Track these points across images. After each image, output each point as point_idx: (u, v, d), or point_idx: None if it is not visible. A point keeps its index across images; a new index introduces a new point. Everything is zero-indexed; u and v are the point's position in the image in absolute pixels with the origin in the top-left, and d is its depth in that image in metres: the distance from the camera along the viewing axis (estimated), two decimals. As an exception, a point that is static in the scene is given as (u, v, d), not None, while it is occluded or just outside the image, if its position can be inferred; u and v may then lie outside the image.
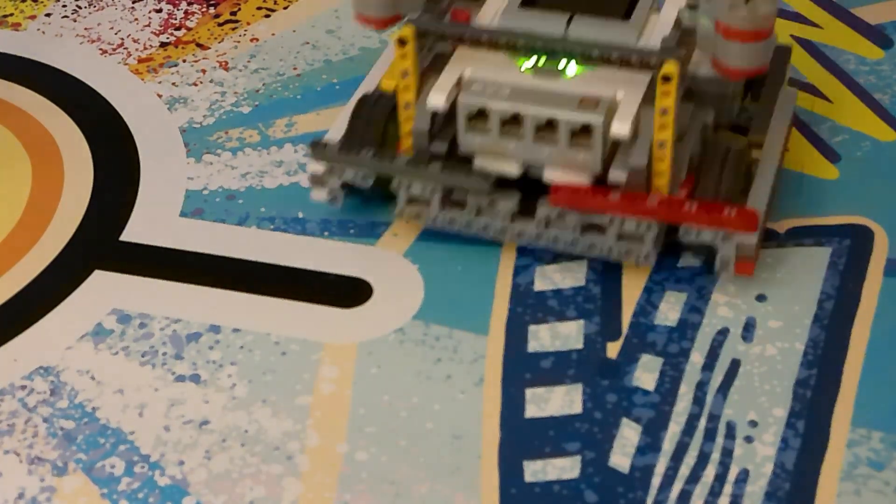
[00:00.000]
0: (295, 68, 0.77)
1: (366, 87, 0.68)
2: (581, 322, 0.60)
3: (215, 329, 0.61)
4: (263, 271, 0.64)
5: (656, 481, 0.53)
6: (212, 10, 0.82)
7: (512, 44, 0.60)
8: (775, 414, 0.56)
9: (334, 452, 0.55)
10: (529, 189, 0.61)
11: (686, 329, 0.60)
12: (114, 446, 0.56)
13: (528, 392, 0.57)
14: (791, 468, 0.53)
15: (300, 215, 0.67)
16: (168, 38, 0.80)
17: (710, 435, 0.55)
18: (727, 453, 0.54)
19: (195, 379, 0.59)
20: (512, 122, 0.59)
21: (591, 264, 0.63)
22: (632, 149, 0.58)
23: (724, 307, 0.61)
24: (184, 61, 0.78)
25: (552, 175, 0.60)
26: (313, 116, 0.73)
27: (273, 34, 0.80)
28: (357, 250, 0.65)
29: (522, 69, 0.60)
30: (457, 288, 0.62)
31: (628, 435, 0.55)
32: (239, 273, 0.64)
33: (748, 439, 0.55)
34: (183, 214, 0.67)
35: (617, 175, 0.59)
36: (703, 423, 0.55)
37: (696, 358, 0.58)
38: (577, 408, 0.56)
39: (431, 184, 0.61)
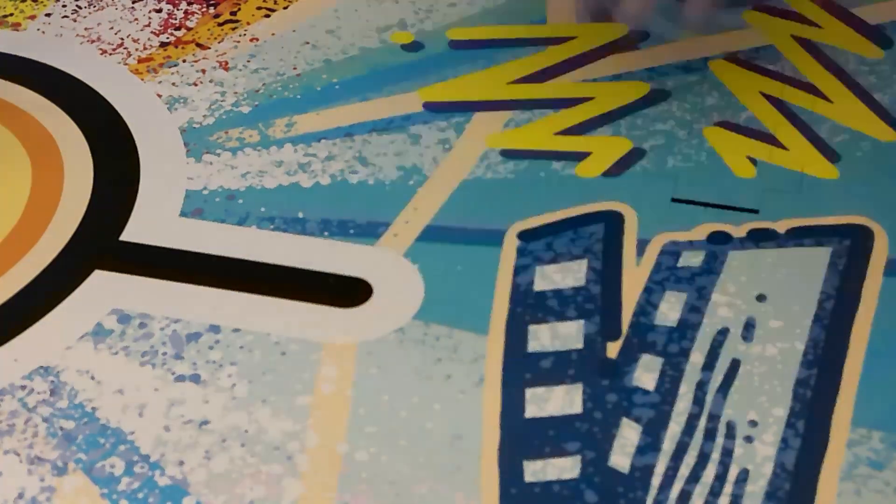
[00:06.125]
0: (295, 68, 0.77)
1: None
2: (581, 322, 0.60)
3: (215, 329, 0.61)
4: (263, 271, 0.64)
5: (656, 481, 0.53)
6: (212, 10, 0.82)
7: None
8: (775, 414, 0.56)
9: (334, 452, 0.55)
10: None
11: (686, 329, 0.60)
12: (114, 446, 0.56)
13: (528, 392, 0.57)
14: (791, 468, 0.53)
15: (300, 215, 0.67)
16: (168, 38, 0.80)
17: (710, 435, 0.55)
18: (727, 453, 0.54)
19: (195, 379, 0.59)
20: None
21: (591, 264, 0.63)
22: None
23: (724, 307, 0.61)
24: (184, 61, 0.78)
25: None
26: (313, 116, 0.73)
27: (273, 34, 0.80)
28: (357, 250, 0.65)
29: None
30: (457, 288, 0.62)
31: (628, 435, 0.55)
32: (239, 273, 0.64)
33: (748, 439, 0.55)
34: (183, 214, 0.67)
35: None
36: (703, 423, 0.55)
37: (696, 358, 0.58)
38: (577, 408, 0.56)
39: None
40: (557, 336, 0.60)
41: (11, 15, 0.83)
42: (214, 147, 0.71)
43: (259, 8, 0.83)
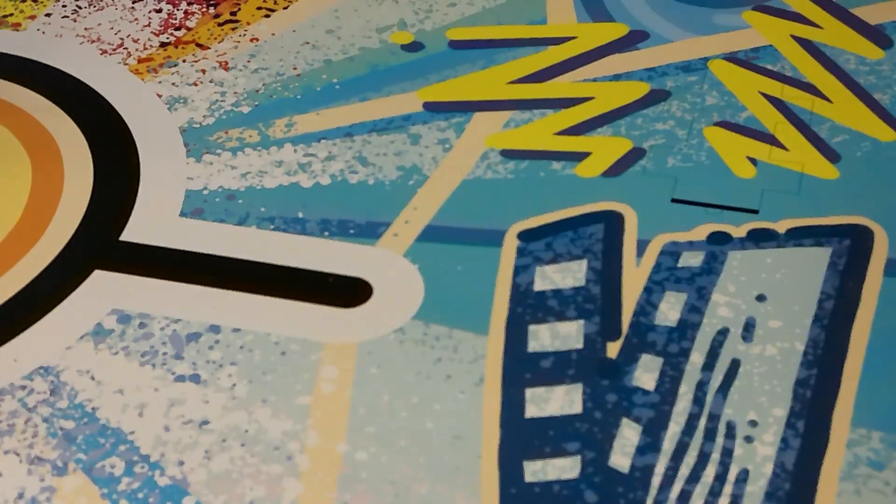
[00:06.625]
0: (295, 68, 0.77)
1: None
2: (581, 322, 0.60)
3: (215, 329, 0.61)
4: (263, 271, 0.64)
5: (656, 481, 0.53)
6: (212, 10, 0.82)
7: None
8: (775, 414, 0.56)
9: (334, 452, 0.55)
10: None
11: (686, 329, 0.60)
12: (114, 446, 0.56)
13: (528, 392, 0.57)
14: (791, 468, 0.54)
15: (300, 215, 0.67)
16: (168, 38, 0.80)
17: (710, 435, 0.55)
18: (727, 453, 0.54)
19: (195, 379, 0.59)
20: None
21: (591, 264, 0.63)
22: None
23: (724, 307, 0.61)
24: (184, 61, 0.78)
25: None
26: (313, 116, 0.73)
27: (273, 34, 0.80)
28: (357, 250, 0.65)
29: None
30: (457, 288, 0.62)
31: (628, 435, 0.55)
32: (239, 273, 0.64)
33: (748, 439, 0.55)
34: (183, 214, 0.67)
35: None
36: (703, 423, 0.55)
37: (696, 358, 0.58)
38: (577, 408, 0.56)
39: None
40: (557, 336, 0.60)
41: (11, 15, 0.83)
42: (214, 147, 0.72)
43: (259, 8, 0.83)
